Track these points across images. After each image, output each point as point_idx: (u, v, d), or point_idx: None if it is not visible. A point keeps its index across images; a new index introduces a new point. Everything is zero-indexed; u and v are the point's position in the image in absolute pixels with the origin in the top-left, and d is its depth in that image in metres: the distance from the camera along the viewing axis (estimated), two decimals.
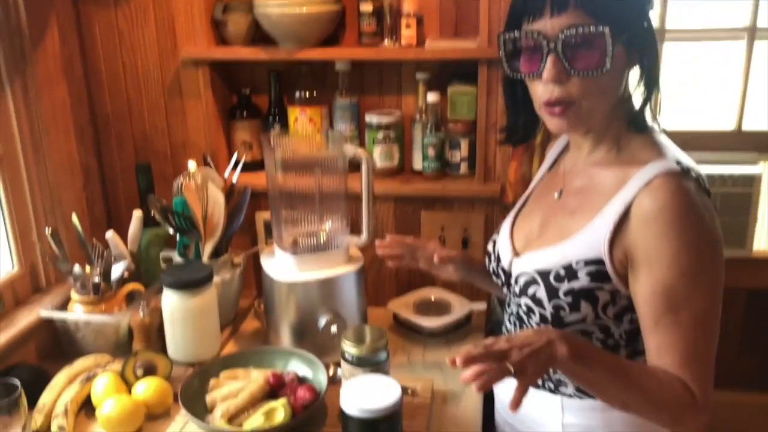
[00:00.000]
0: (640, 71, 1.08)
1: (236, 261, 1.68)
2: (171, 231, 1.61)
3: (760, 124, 2.14)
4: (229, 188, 1.68)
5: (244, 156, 1.78)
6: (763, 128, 2.14)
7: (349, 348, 1.30)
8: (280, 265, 1.52)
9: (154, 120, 1.83)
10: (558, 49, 1.01)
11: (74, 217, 1.59)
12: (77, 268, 1.52)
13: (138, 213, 1.69)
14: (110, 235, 1.62)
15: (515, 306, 1.21)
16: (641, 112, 1.10)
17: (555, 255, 1.11)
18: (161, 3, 1.73)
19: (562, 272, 1.09)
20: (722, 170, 2.07)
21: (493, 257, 1.28)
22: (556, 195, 1.20)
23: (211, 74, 1.75)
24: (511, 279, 1.20)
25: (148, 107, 1.82)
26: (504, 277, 1.24)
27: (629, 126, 1.11)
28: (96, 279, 1.55)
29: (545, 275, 1.11)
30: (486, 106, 1.64)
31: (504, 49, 1.09)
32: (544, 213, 1.21)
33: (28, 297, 1.62)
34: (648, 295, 1.02)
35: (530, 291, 1.14)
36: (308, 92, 1.74)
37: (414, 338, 1.64)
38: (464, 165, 1.73)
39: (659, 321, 1.02)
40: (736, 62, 2.11)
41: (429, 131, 1.70)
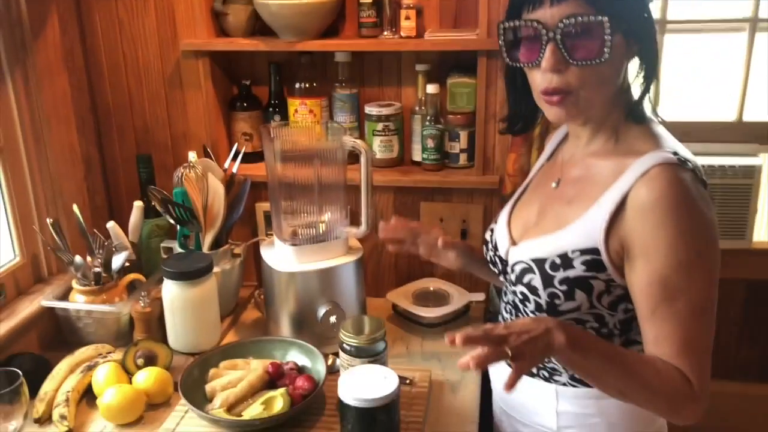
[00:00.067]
0: (639, 62, 1.08)
1: (236, 251, 1.69)
2: (171, 221, 1.62)
3: (761, 116, 2.14)
4: (229, 179, 1.69)
5: (244, 147, 1.79)
6: (764, 119, 2.13)
7: (348, 338, 1.31)
8: (280, 256, 1.53)
9: (155, 111, 1.83)
10: (557, 38, 1.01)
11: (75, 208, 1.60)
12: (78, 258, 1.53)
13: (139, 203, 1.70)
14: (111, 226, 1.64)
15: (511, 294, 1.22)
16: (639, 103, 1.11)
17: (551, 244, 1.11)
18: None
19: (558, 261, 1.10)
20: (723, 161, 2.07)
21: (491, 245, 1.29)
22: (554, 184, 1.21)
23: (212, 65, 1.75)
24: (508, 267, 1.21)
25: (149, 98, 1.82)
26: (501, 266, 1.25)
27: (627, 116, 1.12)
28: (97, 269, 1.56)
29: (541, 263, 1.12)
30: (485, 98, 1.64)
31: (503, 38, 1.09)
32: (542, 202, 1.22)
33: (30, 287, 1.63)
34: (645, 285, 1.03)
35: (526, 279, 1.14)
36: (308, 83, 1.73)
37: (413, 329, 1.65)
38: (463, 156, 1.73)
39: (656, 311, 1.02)
40: (737, 54, 2.10)
41: (428, 123, 1.70)
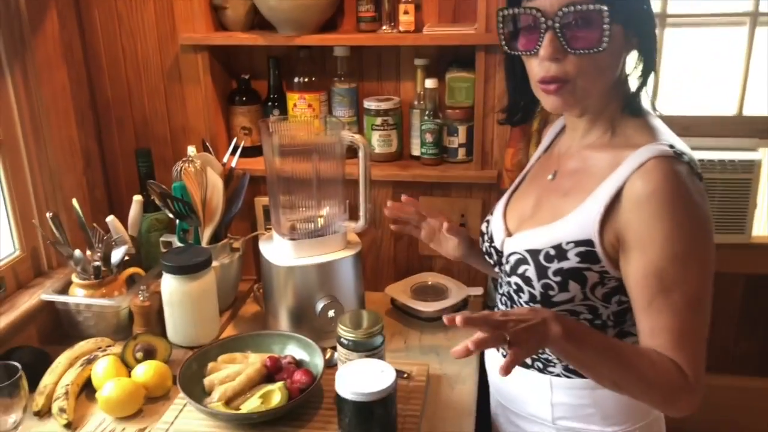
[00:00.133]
0: (638, 54, 1.08)
1: (235, 246, 1.70)
2: (170, 216, 1.63)
3: (761, 110, 2.13)
4: (228, 173, 1.69)
5: (243, 141, 1.79)
6: (764, 114, 2.13)
7: (345, 333, 1.31)
8: (279, 250, 1.53)
9: (154, 105, 1.83)
10: (556, 27, 1.01)
11: (75, 202, 1.60)
12: (78, 252, 1.54)
13: (138, 197, 1.70)
14: (110, 220, 1.64)
15: (506, 285, 1.22)
16: (637, 96, 1.11)
17: (546, 235, 1.12)
18: None
19: (552, 252, 1.10)
20: (722, 156, 2.06)
21: (487, 237, 1.29)
22: (550, 176, 1.21)
23: (211, 59, 1.75)
24: (503, 258, 1.21)
25: (148, 92, 1.82)
26: (496, 257, 1.25)
27: (624, 109, 1.12)
28: (96, 263, 1.56)
29: (535, 254, 1.12)
30: (484, 93, 1.64)
31: (503, 26, 1.09)
32: (538, 194, 1.22)
33: (30, 280, 1.64)
34: (640, 278, 1.03)
35: (520, 270, 1.15)
36: (307, 78, 1.73)
37: (411, 323, 1.66)
38: (462, 151, 1.73)
39: (651, 303, 1.02)
40: (738, 48, 2.10)
41: (427, 117, 1.70)
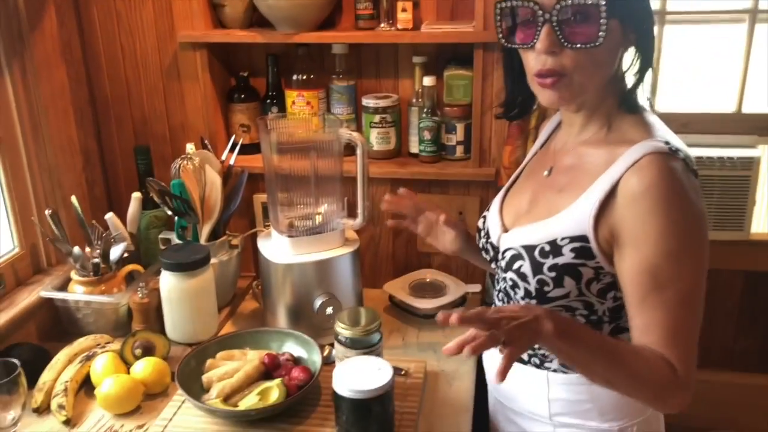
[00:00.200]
0: (635, 50, 1.08)
1: (234, 243, 1.70)
2: (169, 213, 1.63)
3: (760, 107, 2.13)
4: (227, 171, 1.70)
5: (242, 138, 1.79)
6: (763, 111, 2.13)
7: (343, 330, 1.32)
8: (277, 247, 1.54)
9: (153, 102, 1.83)
10: (553, 20, 1.01)
11: (74, 199, 1.61)
12: (77, 249, 1.55)
13: (137, 195, 1.71)
14: (110, 217, 1.65)
15: (502, 281, 1.23)
16: (633, 92, 1.11)
17: (541, 231, 1.12)
18: None
19: (547, 248, 1.10)
20: (721, 153, 2.06)
21: (483, 233, 1.29)
22: (546, 173, 1.21)
23: (209, 57, 1.75)
24: (499, 254, 1.22)
25: (147, 90, 1.82)
26: (492, 252, 1.25)
27: (621, 105, 1.12)
28: (95, 260, 1.57)
29: (530, 250, 1.12)
30: (481, 90, 1.64)
31: (500, 19, 1.09)
32: (534, 190, 1.22)
33: (29, 277, 1.65)
34: (634, 274, 1.03)
35: (516, 266, 1.15)
36: (305, 75, 1.74)
37: (409, 320, 1.66)
38: (460, 148, 1.74)
39: (644, 299, 1.03)
40: (737, 45, 2.09)
41: (425, 115, 1.70)
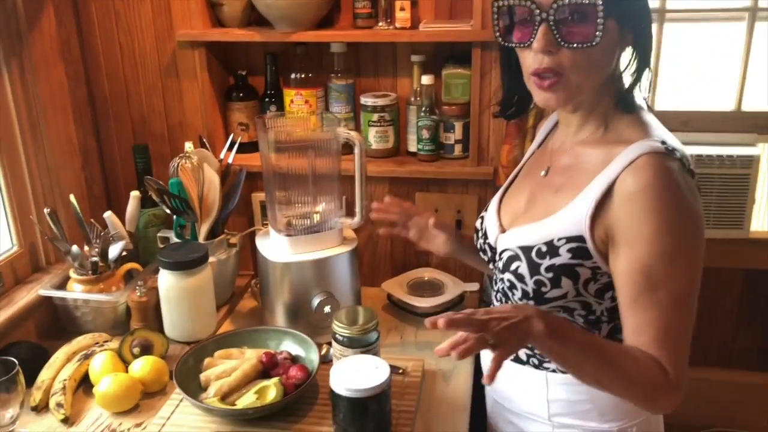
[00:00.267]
0: (633, 50, 1.08)
1: (232, 241, 1.70)
2: (167, 211, 1.63)
3: (760, 105, 2.13)
4: (225, 169, 1.70)
5: (240, 137, 1.79)
6: (763, 109, 2.13)
7: (340, 329, 1.32)
8: (275, 246, 1.54)
9: (152, 101, 1.83)
10: (550, 19, 1.01)
11: (72, 198, 1.61)
12: (75, 248, 1.55)
13: (135, 193, 1.71)
14: (108, 215, 1.65)
15: (500, 282, 1.23)
16: (630, 92, 1.10)
17: (538, 231, 1.12)
18: None
19: (544, 248, 1.10)
20: (721, 151, 2.06)
21: (481, 233, 1.29)
22: (543, 173, 1.21)
23: (208, 56, 1.75)
24: (497, 255, 1.22)
25: (145, 88, 1.82)
26: (490, 253, 1.26)
27: (617, 105, 1.12)
28: (94, 258, 1.57)
29: (527, 251, 1.12)
30: (480, 89, 1.64)
31: (498, 18, 1.09)
32: (531, 190, 1.22)
33: (28, 276, 1.65)
34: (627, 274, 1.03)
35: (513, 266, 1.15)
36: (304, 74, 1.73)
37: (407, 318, 1.66)
38: (458, 147, 1.74)
39: (637, 300, 1.02)
40: (737, 43, 2.09)
41: (424, 113, 1.70)
